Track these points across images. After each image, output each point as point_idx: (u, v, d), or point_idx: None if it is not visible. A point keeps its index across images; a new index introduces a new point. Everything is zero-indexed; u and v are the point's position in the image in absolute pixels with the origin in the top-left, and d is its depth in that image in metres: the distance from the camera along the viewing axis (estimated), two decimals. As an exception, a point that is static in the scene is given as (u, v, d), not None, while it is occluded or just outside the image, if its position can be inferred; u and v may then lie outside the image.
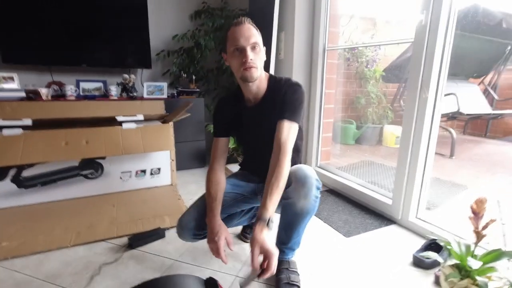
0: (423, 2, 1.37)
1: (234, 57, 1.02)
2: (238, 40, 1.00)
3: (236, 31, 1.00)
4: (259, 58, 1.03)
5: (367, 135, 3.38)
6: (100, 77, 2.47)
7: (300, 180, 0.97)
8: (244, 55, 1.00)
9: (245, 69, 1.01)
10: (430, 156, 1.47)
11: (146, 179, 2.06)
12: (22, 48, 2.13)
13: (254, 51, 1.01)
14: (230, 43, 1.03)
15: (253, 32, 1.01)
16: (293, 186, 0.98)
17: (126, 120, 1.99)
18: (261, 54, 1.04)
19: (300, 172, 0.98)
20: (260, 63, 1.04)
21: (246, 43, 0.99)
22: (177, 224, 1.12)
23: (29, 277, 1.13)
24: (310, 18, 2.07)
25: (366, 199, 1.80)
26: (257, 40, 1.02)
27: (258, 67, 1.03)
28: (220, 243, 0.99)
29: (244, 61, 1.00)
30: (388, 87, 3.62)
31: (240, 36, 0.99)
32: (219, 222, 1.04)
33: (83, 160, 1.87)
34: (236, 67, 1.04)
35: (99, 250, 1.32)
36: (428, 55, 1.38)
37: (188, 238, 1.12)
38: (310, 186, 0.98)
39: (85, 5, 2.24)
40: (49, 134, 1.74)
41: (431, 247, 1.28)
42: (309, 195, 0.98)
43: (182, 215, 1.13)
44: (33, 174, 1.77)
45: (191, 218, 1.10)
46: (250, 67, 1.01)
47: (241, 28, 1.00)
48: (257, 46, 1.02)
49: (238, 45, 1.00)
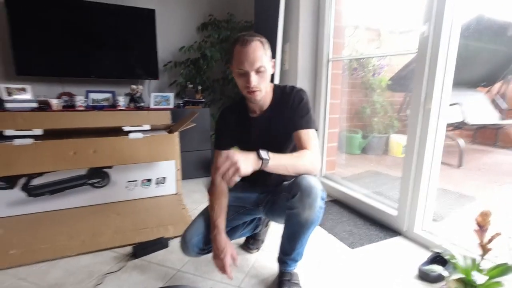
0: (425, 14, 1.38)
1: (239, 77, 1.03)
2: (242, 64, 0.98)
3: (242, 53, 0.98)
4: (263, 81, 1.03)
5: (373, 144, 3.36)
6: (109, 87, 2.53)
7: (305, 190, 0.96)
8: (248, 80, 1.00)
9: (249, 93, 1.02)
10: (436, 166, 1.46)
11: (152, 188, 2.09)
12: (35, 61, 2.21)
13: (259, 75, 1.01)
14: (235, 63, 1.01)
15: (259, 54, 0.98)
16: (298, 196, 0.97)
17: (133, 130, 2.03)
18: (266, 75, 1.03)
19: (305, 182, 0.97)
20: (264, 85, 1.04)
21: (250, 68, 0.98)
22: (181, 240, 1.12)
23: (33, 285, 1.15)
24: (315, 30, 2.10)
25: (371, 210, 1.78)
26: (263, 63, 0.99)
27: (262, 90, 1.04)
28: (226, 260, 0.99)
29: (248, 86, 1.01)
30: (394, 97, 3.61)
31: (245, 59, 0.98)
32: (225, 239, 1.04)
33: (91, 169, 1.90)
34: (241, 87, 1.05)
35: (102, 259, 1.33)
36: (431, 67, 1.38)
37: (192, 254, 1.11)
38: (315, 196, 0.97)
39: (95, 18, 2.32)
40: (58, 144, 1.78)
41: (437, 260, 1.25)
42: (314, 206, 0.97)
43: (186, 230, 1.12)
44: (42, 183, 1.80)
45: (196, 234, 1.10)
46: (254, 91, 1.02)
47: (247, 50, 0.97)
48: (262, 68, 1.00)
49: (242, 69, 0.99)
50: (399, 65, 3.34)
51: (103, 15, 2.34)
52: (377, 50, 3.37)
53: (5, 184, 1.73)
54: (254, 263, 1.32)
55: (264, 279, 1.21)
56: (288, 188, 1.03)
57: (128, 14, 2.41)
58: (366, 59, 3.34)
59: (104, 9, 2.33)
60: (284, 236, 1.10)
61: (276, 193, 1.15)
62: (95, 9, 2.30)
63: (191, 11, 2.78)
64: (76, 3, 2.24)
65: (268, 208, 1.19)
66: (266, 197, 1.20)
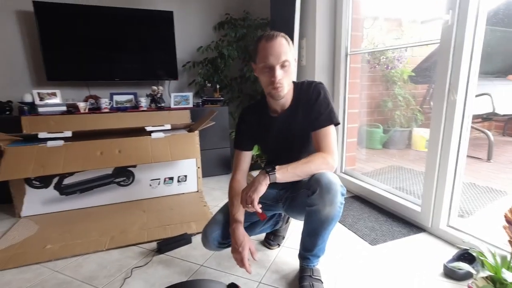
0: (448, 2, 1.32)
1: (263, 73, 1.03)
2: (268, 58, 0.99)
3: (267, 48, 0.99)
4: (287, 76, 1.03)
5: (395, 139, 3.26)
6: (131, 89, 2.63)
7: (325, 187, 0.97)
8: (273, 74, 1.00)
9: (273, 89, 1.03)
10: (462, 160, 1.40)
11: (174, 186, 2.15)
12: (63, 66, 2.33)
13: (284, 69, 1.02)
14: (260, 58, 1.02)
15: (284, 49, 1.00)
16: (318, 193, 0.98)
17: (155, 130, 2.10)
18: (290, 70, 1.04)
19: (324, 178, 0.98)
20: (288, 80, 1.05)
21: (276, 61, 0.99)
22: (202, 234, 1.16)
23: (69, 277, 1.23)
24: (332, 24, 2.07)
25: (393, 206, 1.74)
26: (288, 57, 1.01)
27: (286, 85, 1.04)
28: (244, 253, 1.02)
29: (273, 81, 1.01)
30: (417, 89, 3.49)
31: (271, 53, 0.98)
32: (243, 232, 1.07)
33: (116, 169, 1.99)
34: (265, 83, 1.05)
35: (131, 254, 1.40)
36: (455, 56, 1.32)
37: (213, 247, 1.15)
38: (335, 192, 0.97)
39: (116, 24, 2.40)
40: (86, 145, 1.88)
41: (464, 257, 1.21)
42: (334, 202, 0.98)
43: (207, 225, 1.16)
44: (73, 182, 1.92)
45: (216, 228, 1.13)
46: (278, 87, 1.02)
47: (272, 44, 0.99)
48: (287, 63, 1.01)
49: (268, 63, 1.00)
50: (422, 56, 3.22)
51: (125, 20, 2.42)
52: (398, 41, 3.26)
53: (40, 183, 1.85)
54: (275, 259, 1.34)
55: (285, 274, 1.23)
56: (307, 185, 1.03)
57: (147, 17, 2.48)
58: (380, 52, 3.24)
59: (125, 14, 2.41)
60: (305, 233, 1.11)
61: (295, 190, 1.15)
62: (117, 15, 2.39)
63: (208, 11, 2.82)
64: (99, 10, 2.34)
65: (287, 205, 1.20)
66: (286, 193, 1.21)
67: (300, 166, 1.00)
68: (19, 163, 1.70)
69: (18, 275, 1.25)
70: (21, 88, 2.34)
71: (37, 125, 2.00)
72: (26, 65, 2.35)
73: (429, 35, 2.97)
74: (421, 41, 1.75)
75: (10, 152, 1.72)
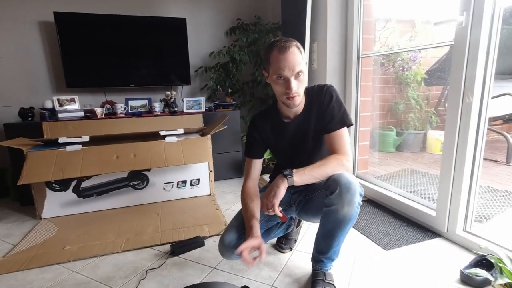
0: (462, 3, 1.31)
1: (277, 83, 1.02)
2: (282, 70, 0.98)
3: (281, 60, 0.97)
4: (302, 85, 1.03)
5: (408, 141, 3.21)
6: (146, 95, 2.70)
7: (344, 186, 0.97)
8: (288, 86, 0.99)
9: (288, 99, 1.02)
10: (478, 163, 1.37)
11: (187, 189, 2.19)
12: (82, 74, 2.42)
13: (298, 79, 1.01)
14: (273, 70, 1.01)
15: (298, 60, 0.98)
16: (337, 193, 0.98)
17: (168, 134, 2.15)
18: (304, 79, 1.03)
19: (343, 179, 0.98)
20: (302, 89, 1.05)
21: (291, 74, 0.98)
22: (219, 243, 1.14)
23: (87, 278, 1.27)
24: (343, 27, 2.07)
25: (407, 210, 1.71)
26: (302, 67, 1.00)
27: (300, 94, 1.04)
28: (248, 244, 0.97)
29: (288, 92, 1.00)
30: (432, 90, 3.42)
31: (285, 66, 0.97)
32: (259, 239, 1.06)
33: (131, 172, 2.05)
34: (279, 93, 1.04)
35: (145, 256, 1.43)
36: (470, 58, 1.30)
37: (231, 257, 1.13)
38: (354, 192, 0.98)
39: (132, 31, 2.48)
40: (103, 149, 1.94)
41: (481, 263, 1.18)
42: (353, 201, 0.98)
43: (223, 234, 1.14)
44: (90, 185, 1.98)
45: (233, 238, 1.11)
46: (293, 97, 1.02)
47: (286, 56, 0.97)
48: (300, 73, 1.00)
49: (282, 75, 0.99)
50: (435, 57, 3.16)
51: (140, 28, 2.49)
52: (412, 42, 3.21)
53: (59, 187, 1.92)
54: (287, 262, 1.34)
55: (297, 278, 1.23)
56: (325, 186, 1.03)
57: (161, 24, 2.54)
58: (394, 54, 3.20)
59: (140, 22, 2.48)
60: (320, 234, 1.10)
61: (309, 192, 1.16)
62: (132, 23, 2.46)
63: (220, 17, 2.87)
64: (115, 18, 2.42)
65: (301, 208, 1.21)
66: (299, 197, 1.22)
67: (316, 169, 1.01)
68: (40, 167, 1.77)
69: (40, 274, 1.30)
70: (42, 94, 2.45)
71: (57, 130, 2.08)
72: (47, 72, 2.46)
73: (443, 37, 2.92)
74: (435, 43, 1.73)
75: (32, 157, 1.79)
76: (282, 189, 0.98)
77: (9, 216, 1.96)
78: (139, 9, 2.60)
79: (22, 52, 2.37)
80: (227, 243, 1.11)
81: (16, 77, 2.39)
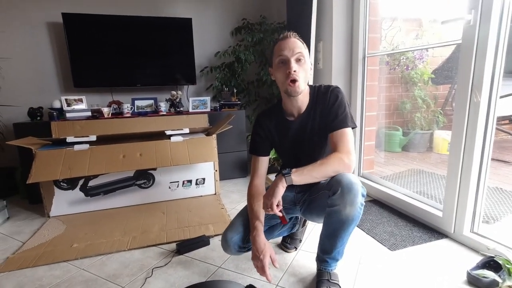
0: (470, 1, 1.29)
1: (279, 69, 1.06)
2: (282, 51, 1.03)
3: (282, 44, 1.04)
4: (303, 70, 1.05)
5: (415, 141, 3.18)
6: (152, 94, 2.72)
7: (346, 187, 0.97)
8: (288, 66, 1.03)
9: (289, 84, 1.04)
10: (486, 163, 1.36)
11: (192, 188, 2.20)
12: (89, 74, 2.45)
13: (299, 63, 1.04)
14: (275, 56, 1.06)
15: (298, 44, 1.04)
16: (339, 193, 0.98)
17: (174, 134, 2.16)
18: (305, 66, 1.05)
19: (345, 179, 0.98)
20: (303, 75, 1.06)
21: (290, 54, 1.03)
22: (222, 238, 1.17)
23: (94, 275, 1.29)
24: (349, 27, 2.06)
25: (413, 210, 1.70)
26: (302, 52, 1.04)
27: (302, 80, 1.05)
28: (265, 261, 1.02)
29: (288, 73, 1.02)
30: (439, 90, 3.38)
31: (285, 47, 1.03)
32: (264, 240, 1.07)
33: (137, 171, 2.07)
34: (281, 80, 1.06)
35: (151, 254, 1.45)
36: (478, 57, 1.29)
37: (233, 252, 1.16)
38: (356, 192, 0.97)
39: (138, 31, 2.50)
40: (110, 148, 1.96)
41: (489, 265, 1.17)
42: (355, 202, 0.98)
43: (226, 229, 1.17)
44: (97, 184, 2.00)
45: (236, 232, 1.14)
46: (294, 79, 1.03)
47: (287, 41, 1.04)
48: (302, 58, 1.04)
49: (283, 55, 1.03)
50: (442, 56, 3.13)
51: (146, 28, 2.52)
52: (418, 41, 3.18)
53: (67, 185, 1.95)
54: (292, 262, 1.34)
55: (302, 278, 1.23)
56: (328, 186, 1.03)
57: (167, 25, 2.56)
58: (400, 53, 3.17)
59: (147, 22, 2.51)
60: (324, 235, 1.10)
61: (314, 192, 1.16)
62: (139, 23, 2.49)
63: (225, 17, 2.87)
64: (122, 19, 2.44)
65: (305, 207, 1.21)
66: (303, 196, 1.22)
67: (316, 168, 1.00)
68: (49, 165, 1.80)
69: (49, 271, 1.33)
70: (50, 94, 2.49)
71: (65, 129, 2.11)
72: (56, 73, 2.50)
73: (450, 35, 2.89)
74: (442, 41, 1.71)
75: (40, 156, 1.82)
76: (281, 188, 0.98)
77: (18, 214, 2.00)
78: (145, 10, 2.62)
79: (31, 52, 2.41)
80: (228, 238, 1.13)
81: (26, 77, 2.43)
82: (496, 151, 1.88)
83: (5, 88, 2.39)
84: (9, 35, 2.34)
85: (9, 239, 1.64)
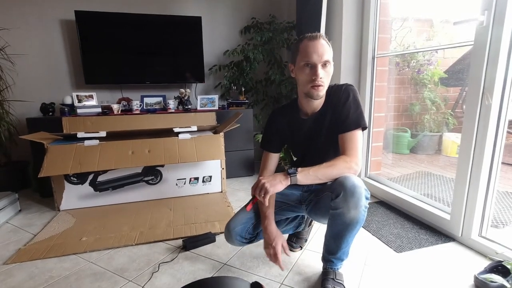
0: (483, 2, 1.27)
1: (303, 71, 1.04)
2: (310, 56, 1.00)
3: (310, 46, 1.01)
4: (327, 75, 1.05)
5: (423, 143, 3.14)
6: (160, 92, 2.75)
7: (349, 190, 0.97)
8: (315, 72, 1.01)
9: (313, 87, 1.03)
10: (496, 167, 1.34)
11: (199, 186, 2.22)
12: (100, 71, 2.49)
13: (325, 69, 1.03)
14: (301, 57, 1.03)
15: (327, 49, 1.02)
16: (342, 196, 0.98)
17: (182, 131, 2.18)
18: (330, 70, 1.05)
19: (348, 182, 0.98)
20: (327, 81, 1.06)
21: (318, 60, 1.00)
22: (225, 229, 1.20)
23: (102, 269, 1.32)
24: (358, 27, 2.05)
25: (420, 213, 1.69)
26: (329, 57, 1.03)
27: (325, 86, 1.05)
28: (277, 248, 1.04)
29: (314, 79, 1.02)
30: (449, 91, 3.33)
31: (314, 52, 1.00)
32: (275, 228, 1.10)
33: (145, 168, 2.10)
34: (304, 82, 1.06)
35: (158, 250, 1.47)
36: (491, 59, 1.27)
37: (235, 242, 1.19)
38: (359, 196, 0.97)
39: (148, 29, 2.53)
40: (119, 145, 1.99)
41: (497, 269, 1.16)
42: (359, 205, 0.97)
43: (230, 220, 1.21)
44: (106, 179, 2.04)
45: (238, 223, 1.17)
46: (319, 85, 1.02)
47: (315, 43, 1.00)
48: (328, 64, 1.03)
49: (310, 61, 1.01)
50: (453, 58, 3.08)
51: (156, 26, 2.54)
52: (429, 42, 3.14)
53: (77, 180, 1.99)
54: (298, 261, 1.35)
55: (307, 277, 1.23)
56: (331, 188, 1.03)
57: (177, 23, 2.58)
58: (410, 55, 3.13)
59: (157, 21, 2.53)
60: (329, 235, 1.11)
61: (319, 193, 1.16)
62: (149, 21, 2.51)
63: (235, 16, 2.88)
64: (133, 17, 2.47)
65: (310, 208, 1.21)
66: (309, 196, 1.22)
67: (322, 169, 1.00)
68: (60, 160, 1.84)
69: (59, 263, 1.36)
70: (62, 90, 2.53)
71: (76, 125, 2.15)
72: (67, 69, 2.54)
73: (462, 36, 2.84)
74: (453, 43, 1.69)
75: (52, 150, 1.86)
76: (281, 185, 0.97)
77: (30, 207, 2.05)
78: (156, 8, 2.65)
79: (45, 49, 2.46)
80: (231, 228, 1.16)
81: (39, 74, 2.48)
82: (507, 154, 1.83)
83: (19, 84, 2.44)
84: (24, 31, 2.39)
85: (20, 231, 1.69)
